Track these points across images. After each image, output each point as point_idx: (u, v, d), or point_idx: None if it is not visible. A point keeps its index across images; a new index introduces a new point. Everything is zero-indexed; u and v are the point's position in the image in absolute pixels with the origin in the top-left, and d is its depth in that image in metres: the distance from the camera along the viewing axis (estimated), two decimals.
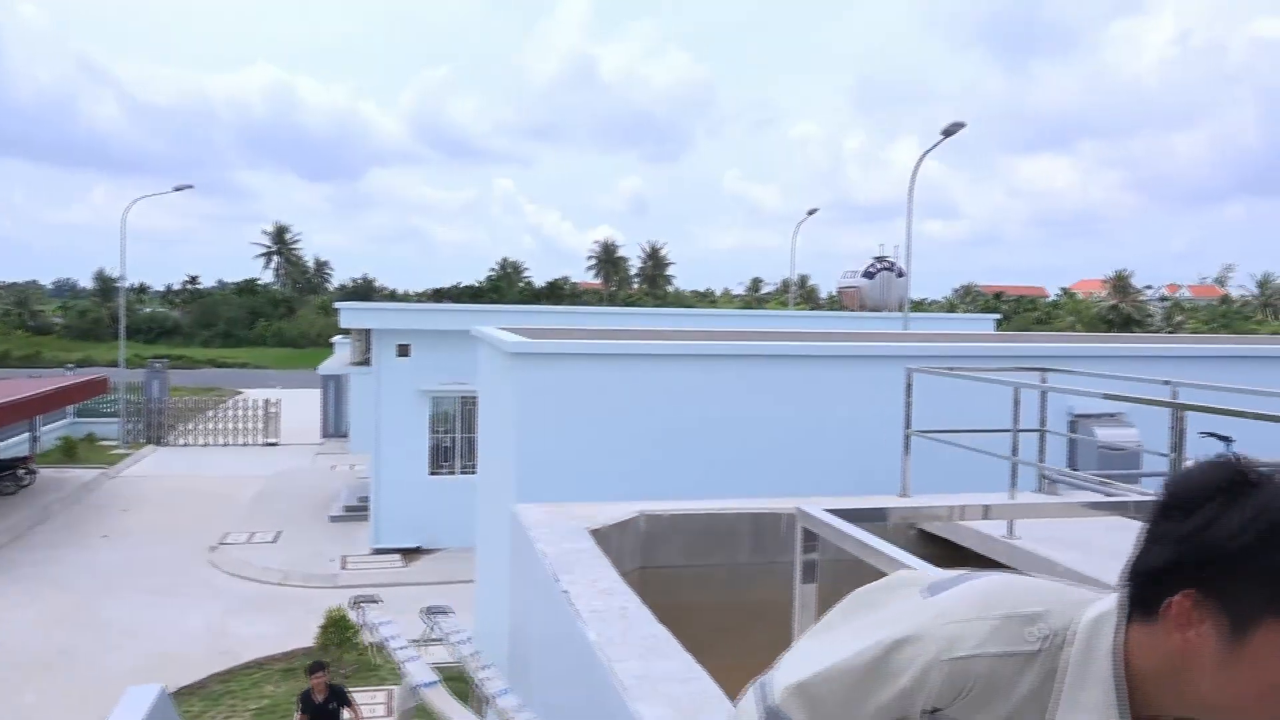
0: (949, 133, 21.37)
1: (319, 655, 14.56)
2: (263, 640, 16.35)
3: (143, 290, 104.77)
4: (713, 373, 10.33)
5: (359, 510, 23.69)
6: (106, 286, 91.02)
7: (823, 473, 10.10)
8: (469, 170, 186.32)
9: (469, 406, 20.97)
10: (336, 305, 22.59)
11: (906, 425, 8.27)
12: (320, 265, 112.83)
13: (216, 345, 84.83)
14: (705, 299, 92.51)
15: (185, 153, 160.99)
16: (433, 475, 21.70)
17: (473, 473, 18.73)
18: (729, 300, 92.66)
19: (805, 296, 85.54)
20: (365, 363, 23.15)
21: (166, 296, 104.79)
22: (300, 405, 42.96)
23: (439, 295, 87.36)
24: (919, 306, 64.34)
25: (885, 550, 2.04)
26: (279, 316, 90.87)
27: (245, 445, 37.95)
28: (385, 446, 21.35)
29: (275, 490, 28.35)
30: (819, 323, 25.31)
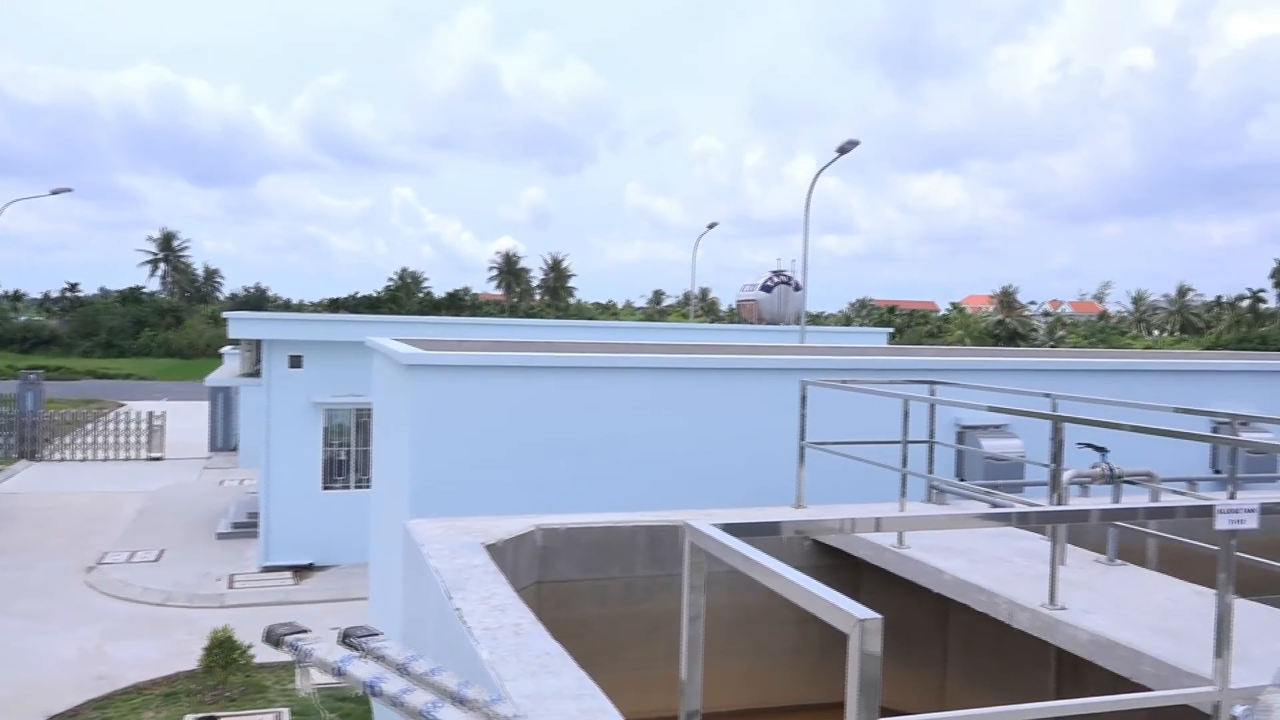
0: (844, 150, 21.89)
1: (204, 678, 14.01)
2: (143, 664, 15.64)
3: (17, 298, 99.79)
4: (612, 385, 10.32)
5: (248, 527, 22.93)
6: None
7: (721, 485, 10.17)
8: (367, 179, 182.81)
9: (364, 419, 20.52)
10: (225, 315, 21.87)
11: (801, 437, 8.40)
12: (210, 273, 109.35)
13: (98, 356, 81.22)
14: (607, 311, 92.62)
15: (64, 154, 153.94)
16: (326, 490, 21.14)
17: (368, 487, 18.32)
18: (631, 312, 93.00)
19: (706, 309, 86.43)
20: (256, 374, 22.45)
21: (44, 305, 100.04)
22: (187, 418, 41.42)
23: (336, 305, 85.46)
24: (816, 320, 65.65)
25: (768, 565, 2.04)
26: (165, 326, 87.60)
27: (127, 460, 36.39)
28: (276, 460, 20.73)
29: (159, 507, 27.23)
30: (718, 335, 25.59)
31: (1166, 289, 79.93)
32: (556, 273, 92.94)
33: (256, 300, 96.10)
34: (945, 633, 7.86)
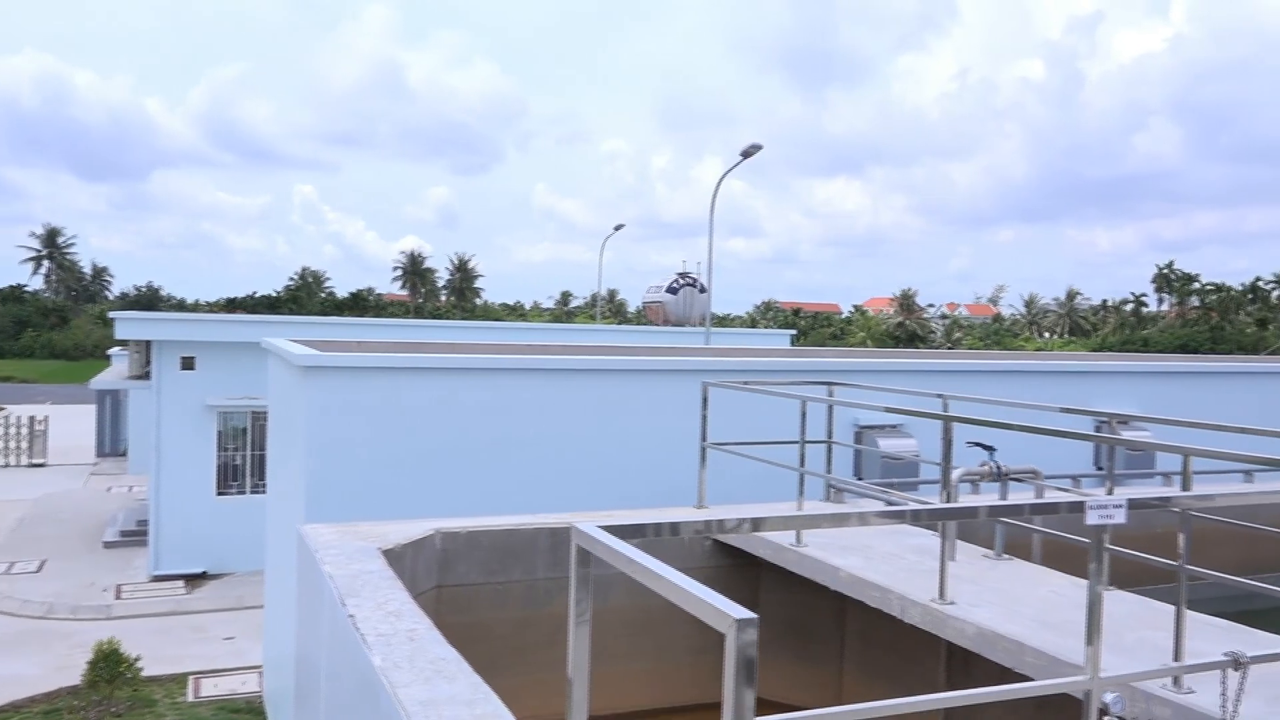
0: (747, 154, 22.16)
1: (87, 693, 13.43)
2: (20, 681, 14.90)
3: None
4: (514, 387, 10.24)
5: (138, 535, 22.07)
6: None
7: (627, 486, 10.19)
8: (266, 175, 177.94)
9: (262, 422, 19.94)
10: (112, 315, 21.02)
11: (702, 438, 8.46)
12: (99, 272, 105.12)
13: None
14: (515, 312, 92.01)
15: None
16: (221, 495, 20.49)
17: (265, 492, 17.83)
18: (538, 314, 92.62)
19: (614, 311, 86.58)
20: (145, 376, 21.63)
21: None
22: (73, 422, 39.69)
23: (233, 305, 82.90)
24: (722, 322, 66.35)
25: (650, 566, 2.04)
26: (49, 327, 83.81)
27: (6, 466, 34.69)
28: (167, 466, 20.01)
29: (41, 515, 26.01)
30: (624, 337, 25.65)
31: (1057, 293, 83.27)
32: (463, 273, 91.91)
33: (148, 300, 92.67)
34: (843, 629, 8.01)
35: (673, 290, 26.65)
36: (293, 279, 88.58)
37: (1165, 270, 65.23)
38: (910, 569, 6.68)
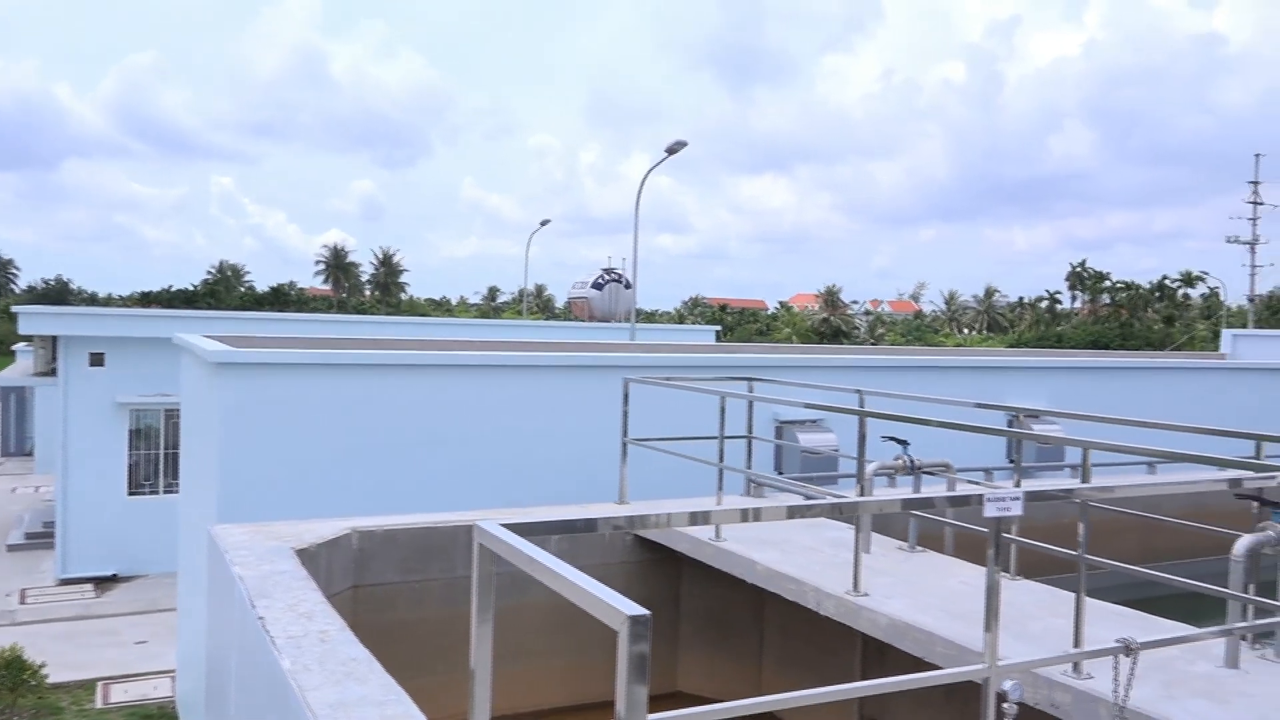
0: (672, 151, 22.25)
1: None
2: None
3: None
4: (435, 383, 10.12)
5: (44, 537, 21.31)
6: None
7: (550, 482, 10.15)
8: (183, 166, 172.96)
9: (176, 420, 19.40)
10: (15, 309, 20.24)
11: (623, 434, 8.47)
12: (4, 264, 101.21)
13: None
14: (441, 308, 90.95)
15: None
16: (132, 496, 19.89)
17: (178, 492, 17.35)
18: (465, 309, 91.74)
19: (541, 306, 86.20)
20: (52, 373, 20.88)
21: None
22: None
23: (148, 300, 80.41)
24: (650, 318, 66.54)
25: (546, 563, 2.03)
26: None
27: None
28: (75, 465, 19.35)
29: None
30: (549, 333, 25.53)
31: (976, 290, 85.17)
32: (388, 268, 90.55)
33: (57, 294, 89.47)
34: (762, 621, 8.10)
35: (598, 286, 26.62)
36: (210, 273, 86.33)
37: (1078, 268, 67.20)
38: (826, 562, 6.78)
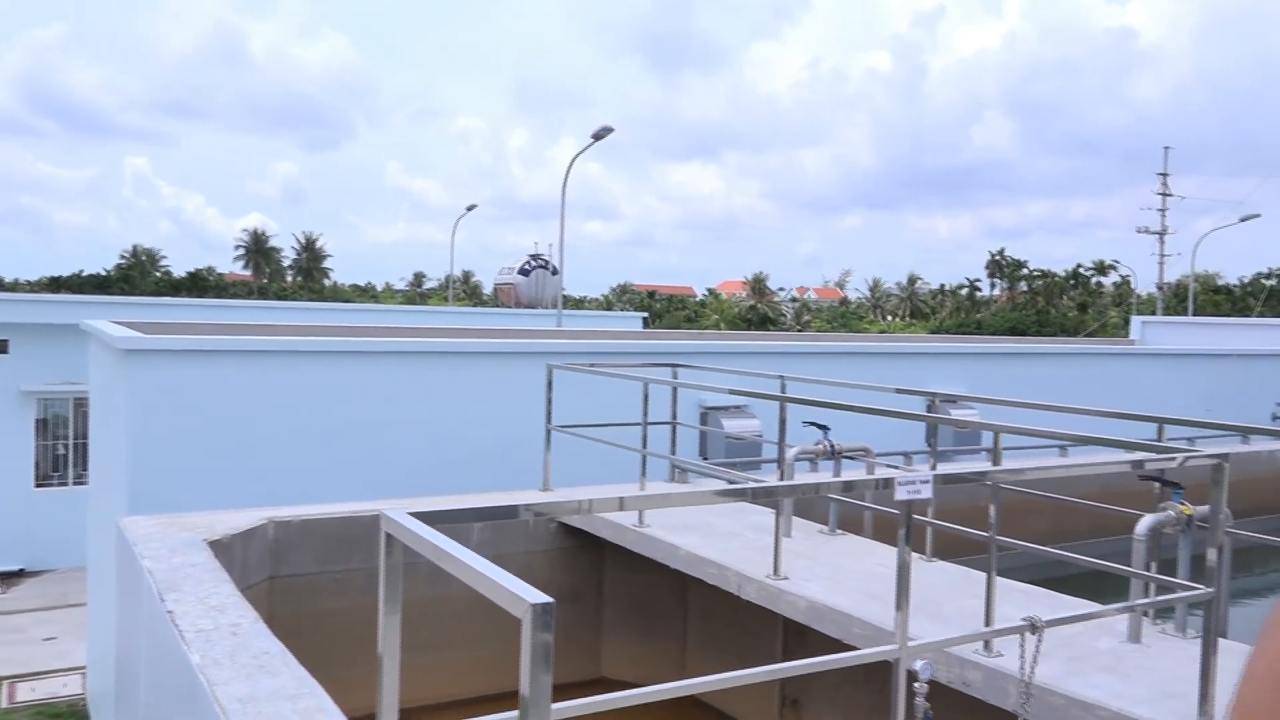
0: (599, 136, 22.17)
1: None
2: None
3: None
4: (358, 370, 9.95)
5: None
6: None
7: (475, 469, 10.05)
8: (94, 146, 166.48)
9: (85, 409, 18.78)
10: None
11: (547, 420, 8.43)
12: None
13: None
14: (366, 294, 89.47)
15: None
16: (40, 487, 19.21)
17: (88, 483, 16.81)
18: (391, 295, 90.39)
19: (469, 293, 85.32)
20: None
21: None
22: None
23: (57, 285, 77.56)
24: (578, 304, 66.36)
25: (451, 551, 1.99)
26: None
27: None
28: None
29: None
30: (475, 319, 25.30)
31: (899, 277, 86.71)
32: (310, 253, 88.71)
33: None
34: (685, 606, 8.15)
35: (524, 272, 26.44)
36: (124, 257, 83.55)
37: (997, 257, 68.81)
38: (748, 546, 6.84)
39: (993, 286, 71.27)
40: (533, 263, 26.80)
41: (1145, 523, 5.03)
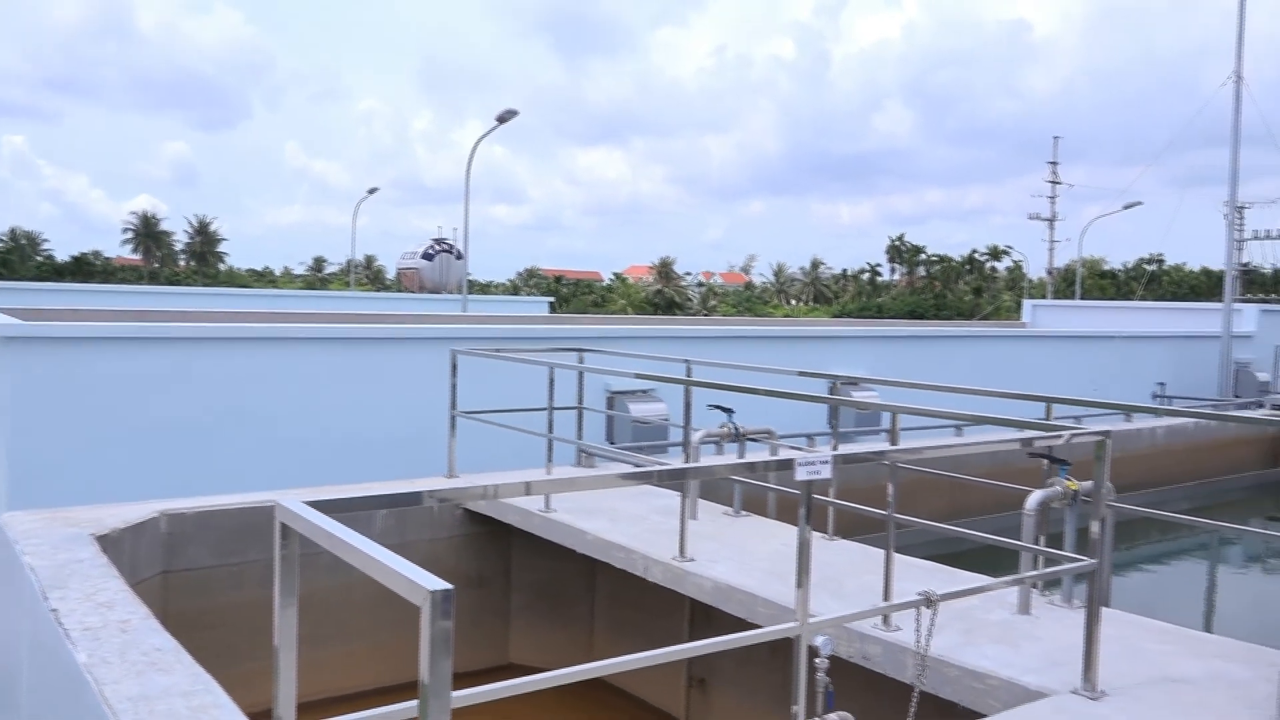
0: (503, 119, 21.92)
1: None
2: None
3: None
4: (255, 357, 9.68)
5: None
6: None
7: (379, 457, 9.90)
8: None
9: None
10: None
11: (452, 406, 8.33)
12: None
13: None
14: (264, 279, 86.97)
15: None
16: None
17: None
18: (290, 280, 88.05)
19: (372, 278, 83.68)
20: None
21: None
22: None
23: None
24: (484, 289, 65.73)
25: (348, 540, 1.95)
26: None
27: None
28: None
29: None
30: (377, 304, 24.86)
31: (803, 262, 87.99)
32: (204, 236, 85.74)
33: None
34: (593, 590, 8.16)
35: (428, 256, 26.03)
36: (2, 240, 79.61)
37: (896, 242, 70.50)
38: (654, 529, 6.89)
39: (893, 271, 73.04)
40: (436, 247, 26.40)
41: (1034, 498, 5.22)
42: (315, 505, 2.21)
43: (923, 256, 68.82)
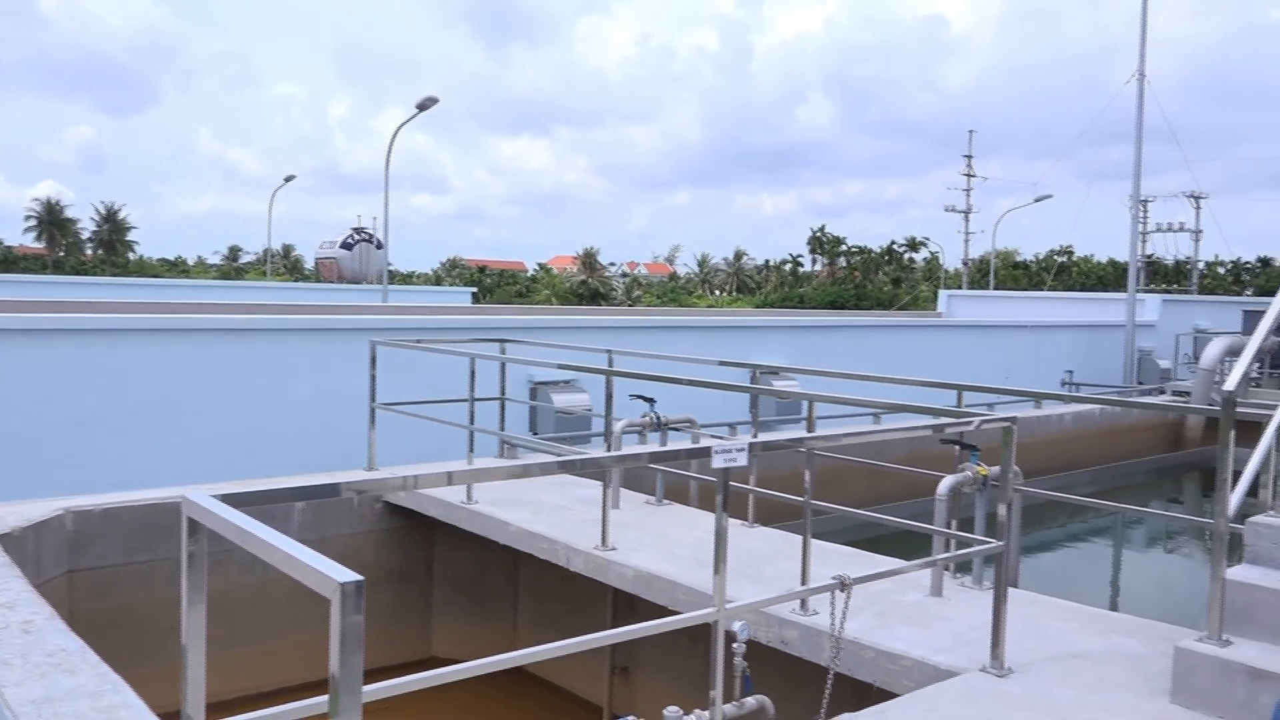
0: (423, 107, 21.63)
1: None
2: None
3: None
4: (164, 349, 9.41)
5: None
6: None
7: (297, 451, 9.72)
8: None
9: None
10: None
11: (371, 399, 8.22)
12: None
13: None
14: (177, 268, 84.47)
15: None
16: None
17: None
18: (204, 270, 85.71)
19: (290, 268, 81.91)
20: None
21: None
22: None
23: None
24: (406, 279, 64.83)
25: (259, 534, 1.93)
26: None
27: None
28: None
29: None
30: (294, 295, 24.33)
31: (726, 253, 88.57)
32: (113, 224, 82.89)
33: None
34: (516, 582, 8.15)
35: (347, 246, 25.56)
36: None
37: (818, 233, 71.45)
38: (577, 519, 6.90)
39: (814, 262, 74.02)
40: (356, 236, 25.94)
41: (945, 483, 5.37)
42: (225, 498, 2.17)
43: (843, 248, 69.92)
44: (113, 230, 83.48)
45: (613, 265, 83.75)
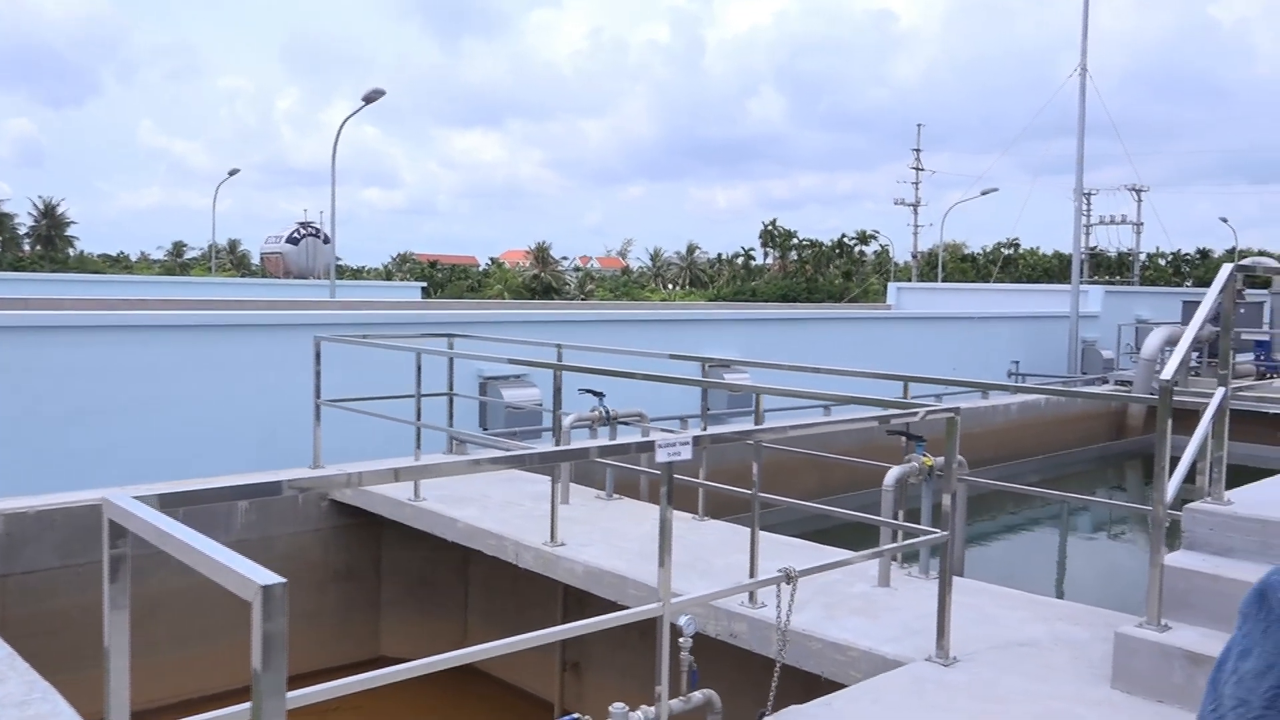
0: (370, 99, 21.35)
1: None
2: None
3: None
4: (103, 346, 9.18)
5: None
6: None
7: (239, 448, 9.54)
8: None
9: None
10: None
11: (316, 395, 8.08)
12: None
13: None
14: (119, 264, 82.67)
15: None
16: None
17: None
18: (148, 266, 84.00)
19: (236, 263, 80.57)
20: None
21: None
22: None
23: None
24: (356, 274, 64.09)
25: (181, 537, 1.86)
26: None
27: None
28: None
29: None
30: (240, 290, 23.90)
31: (679, 247, 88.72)
32: (51, 219, 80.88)
33: None
34: (466, 580, 8.07)
35: (294, 240, 25.17)
36: None
37: (770, 227, 71.79)
38: (526, 515, 6.84)
39: (766, 256, 74.39)
40: (303, 230, 25.55)
41: (892, 474, 5.39)
42: (163, 499, 2.10)
43: (795, 241, 70.30)
44: (51, 225, 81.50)
45: (565, 259, 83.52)
